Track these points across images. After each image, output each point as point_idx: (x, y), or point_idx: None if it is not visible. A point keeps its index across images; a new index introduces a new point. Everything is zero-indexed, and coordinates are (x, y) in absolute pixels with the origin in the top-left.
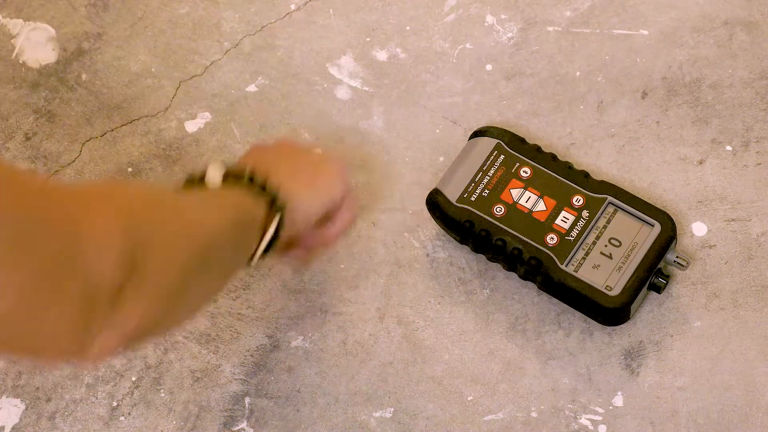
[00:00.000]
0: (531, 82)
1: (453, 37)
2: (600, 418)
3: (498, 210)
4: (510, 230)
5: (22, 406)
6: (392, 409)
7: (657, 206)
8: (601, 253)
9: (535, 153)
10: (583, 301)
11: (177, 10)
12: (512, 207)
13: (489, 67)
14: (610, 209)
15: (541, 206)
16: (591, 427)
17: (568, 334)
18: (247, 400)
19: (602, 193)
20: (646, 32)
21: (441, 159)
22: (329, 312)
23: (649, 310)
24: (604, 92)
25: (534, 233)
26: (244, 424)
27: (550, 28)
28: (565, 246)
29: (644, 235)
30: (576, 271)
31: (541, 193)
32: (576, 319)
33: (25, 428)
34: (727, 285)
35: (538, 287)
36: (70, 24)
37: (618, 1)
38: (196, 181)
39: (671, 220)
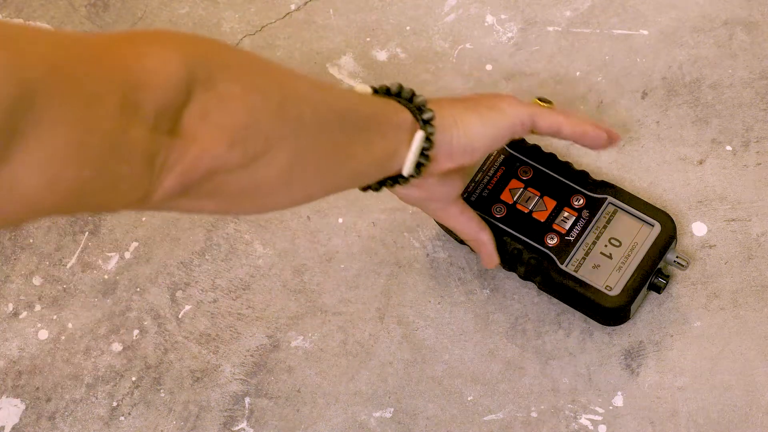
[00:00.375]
0: (531, 82)
1: (453, 37)
2: (600, 418)
3: (498, 210)
4: (510, 230)
5: (22, 406)
6: (392, 409)
7: (657, 206)
8: (601, 253)
9: (534, 153)
10: (583, 301)
11: (177, 10)
12: (512, 207)
13: (489, 67)
14: (610, 209)
15: (541, 206)
16: (591, 427)
17: (568, 334)
18: (247, 400)
19: (602, 193)
20: (646, 32)
21: None
22: (329, 312)
23: (649, 310)
24: (604, 92)
25: (534, 233)
26: (244, 424)
27: (550, 28)
28: (565, 246)
29: (644, 235)
30: (576, 271)
31: (541, 193)
32: (576, 319)
33: (25, 428)
34: (727, 285)
35: (538, 287)
36: (70, 24)
37: (618, 1)
38: None
39: (671, 220)
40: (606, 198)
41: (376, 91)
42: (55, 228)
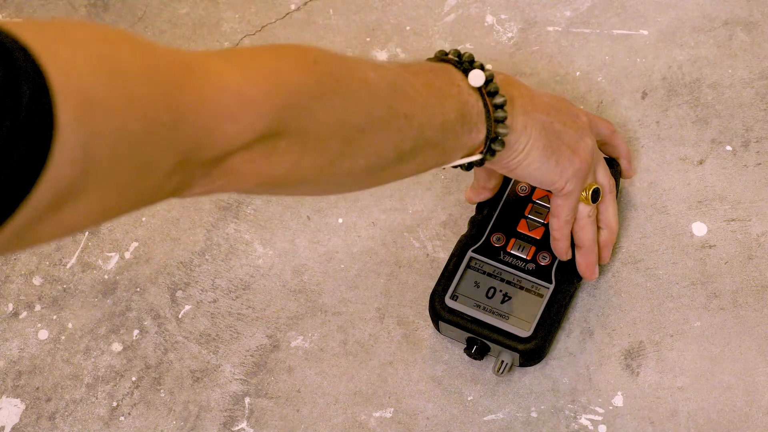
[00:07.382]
0: (531, 82)
1: (453, 37)
2: (600, 418)
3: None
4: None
5: (22, 406)
6: (392, 409)
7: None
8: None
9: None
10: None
11: (177, 10)
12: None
13: (489, 67)
14: None
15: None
16: (591, 427)
17: (568, 334)
18: (247, 400)
19: None
20: (646, 32)
21: None
22: (329, 312)
23: (648, 310)
24: (604, 92)
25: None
26: (244, 424)
27: (550, 28)
28: None
29: None
30: None
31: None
32: (576, 319)
33: (25, 428)
34: (727, 285)
35: None
36: None
37: (618, 1)
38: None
39: None
40: None
41: (487, 81)
42: None
